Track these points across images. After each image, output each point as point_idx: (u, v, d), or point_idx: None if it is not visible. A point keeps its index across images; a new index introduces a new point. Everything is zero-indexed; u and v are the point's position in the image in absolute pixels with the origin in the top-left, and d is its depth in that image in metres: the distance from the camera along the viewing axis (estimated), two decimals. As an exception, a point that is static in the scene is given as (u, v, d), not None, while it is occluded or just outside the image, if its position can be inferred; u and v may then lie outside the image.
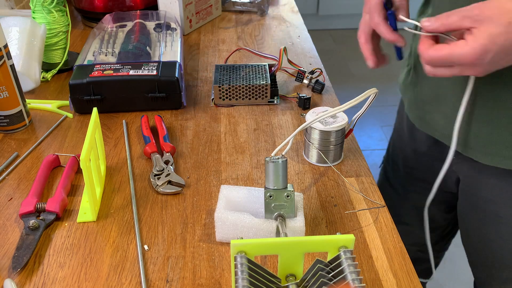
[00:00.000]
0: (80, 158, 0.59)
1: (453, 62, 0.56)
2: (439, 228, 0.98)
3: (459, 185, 0.83)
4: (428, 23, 0.57)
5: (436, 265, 1.13)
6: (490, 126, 0.69)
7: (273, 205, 0.60)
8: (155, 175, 0.72)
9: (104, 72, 0.86)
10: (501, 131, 0.69)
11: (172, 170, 0.73)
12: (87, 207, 0.67)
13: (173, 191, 0.70)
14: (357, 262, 0.52)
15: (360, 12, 0.73)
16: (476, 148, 0.73)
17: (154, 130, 0.83)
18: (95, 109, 0.70)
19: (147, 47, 0.97)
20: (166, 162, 0.74)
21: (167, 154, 0.76)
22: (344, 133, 0.75)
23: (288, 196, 0.60)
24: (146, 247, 0.62)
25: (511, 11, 0.52)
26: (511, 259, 0.77)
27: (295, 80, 0.98)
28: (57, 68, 1.01)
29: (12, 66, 0.80)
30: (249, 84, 0.89)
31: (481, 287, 0.88)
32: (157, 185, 0.70)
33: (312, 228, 0.65)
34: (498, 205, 0.75)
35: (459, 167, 0.80)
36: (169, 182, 0.71)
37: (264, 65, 0.96)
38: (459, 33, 0.56)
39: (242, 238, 0.48)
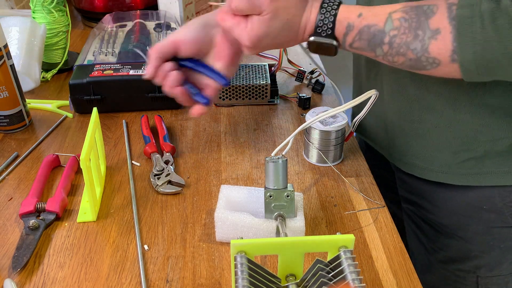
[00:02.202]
0: (80, 158, 0.59)
1: (232, 35, 0.61)
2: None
3: (397, 187, 0.88)
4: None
5: None
6: (402, 137, 0.75)
7: (273, 205, 0.60)
8: (155, 175, 0.72)
9: (104, 72, 0.86)
10: (412, 143, 0.74)
11: (172, 170, 0.73)
12: (87, 207, 0.67)
13: (173, 191, 0.70)
14: (357, 262, 0.52)
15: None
16: (395, 156, 0.79)
17: (154, 130, 0.83)
18: (95, 109, 0.70)
19: (147, 47, 0.97)
20: (166, 162, 0.74)
21: (167, 154, 0.76)
22: (344, 133, 0.75)
23: (288, 196, 0.60)
24: (146, 247, 0.62)
25: (293, 5, 0.58)
26: (430, 259, 0.82)
27: (295, 80, 0.98)
28: (57, 68, 1.01)
29: (12, 66, 0.80)
30: (249, 84, 0.89)
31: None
32: (157, 185, 0.70)
33: (312, 228, 0.65)
34: (425, 209, 0.80)
35: (396, 169, 0.85)
36: (169, 182, 0.71)
37: (264, 65, 0.95)
38: None
39: (242, 238, 0.48)
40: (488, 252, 0.75)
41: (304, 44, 0.63)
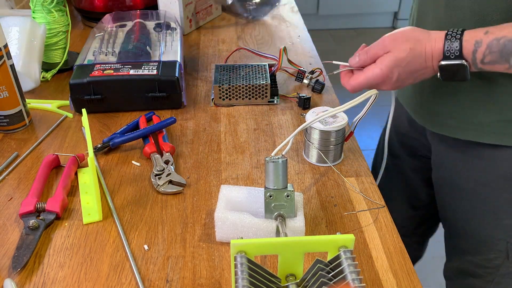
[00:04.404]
0: (89, 157, 0.59)
1: (369, 84, 0.68)
2: (422, 207, 1.06)
3: (432, 156, 0.92)
4: (354, 61, 0.70)
5: (418, 258, 1.19)
6: (436, 97, 0.81)
7: (273, 205, 0.60)
8: (156, 175, 0.72)
9: (104, 72, 0.86)
10: (445, 101, 0.79)
11: (173, 170, 0.73)
12: (90, 208, 0.67)
13: (174, 190, 0.70)
14: (357, 262, 0.52)
15: (360, 12, 0.73)
16: (425, 117, 0.84)
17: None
18: (84, 111, 0.68)
19: (147, 47, 0.97)
20: (166, 162, 0.74)
21: (167, 154, 0.76)
22: (344, 133, 0.75)
23: (288, 196, 0.60)
24: (146, 247, 0.62)
25: (413, 38, 0.66)
26: (466, 228, 0.87)
27: (295, 80, 0.98)
28: (57, 68, 1.01)
29: (12, 66, 0.80)
30: (249, 84, 0.89)
31: (449, 254, 0.98)
32: (158, 185, 0.70)
33: (312, 228, 0.65)
34: (458, 177, 0.85)
35: (430, 137, 0.90)
36: (170, 181, 0.71)
37: (264, 65, 0.95)
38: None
39: (242, 238, 0.48)
40: None
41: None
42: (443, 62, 0.64)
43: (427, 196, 1.03)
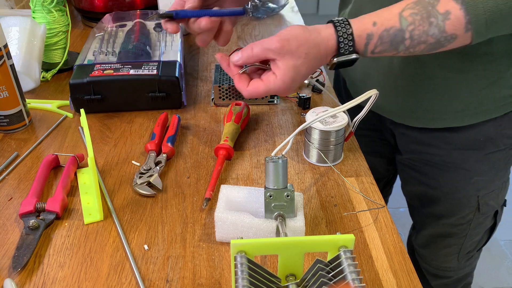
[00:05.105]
0: (89, 157, 0.59)
1: (269, 94, 0.66)
2: (382, 178, 1.16)
3: (397, 141, 0.97)
4: (236, 57, 0.67)
5: None
6: (413, 97, 0.83)
7: (273, 205, 0.60)
8: (140, 172, 0.72)
9: (104, 72, 0.86)
10: (422, 99, 0.83)
11: (157, 172, 0.72)
12: (91, 208, 0.67)
13: (147, 193, 0.69)
14: (357, 262, 0.52)
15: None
16: (406, 115, 0.87)
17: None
18: (82, 111, 0.69)
19: (147, 47, 0.97)
20: (157, 163, 0.74)
21: (164, 155, 0.76)
22: (344, 133, 0.75)
23: (288, 196, 0.60)
24: (146, 247, 0.62)
25: (307, 41, 0.63)
26: (435, 194, 0.94)
27: (295, 80, 0.98)
28: (57, 68, 1.01)
29: (12, 66, 0.80)
30: (249, 84, 0.89)
31: (415, 217, 1.08)
32: (136, 183, 0.70)
33: (312, 228, 0.65)
34: (429, 155, 0.91)
35: (394, 127, 0.94)
36: (149, 183, 0.70)
37: (264, 65, 0.95)
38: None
39: (242, 238, 0.48)
40: (485, 174, 0.89)
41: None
42: (336, 60, 0.65)
43: (386, 171, 1.13)
